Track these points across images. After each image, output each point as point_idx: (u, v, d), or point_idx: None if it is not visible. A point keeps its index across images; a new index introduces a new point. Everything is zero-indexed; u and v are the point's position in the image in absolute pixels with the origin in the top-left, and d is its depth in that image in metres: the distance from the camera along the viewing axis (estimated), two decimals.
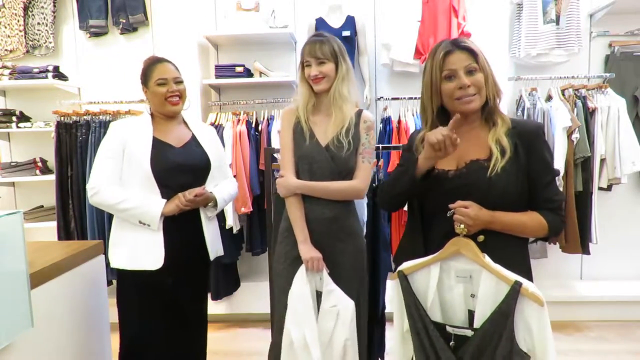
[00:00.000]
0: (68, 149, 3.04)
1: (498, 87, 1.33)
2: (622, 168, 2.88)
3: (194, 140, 1.87)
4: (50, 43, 3.37)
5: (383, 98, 3.20)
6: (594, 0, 3.13)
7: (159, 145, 1.77)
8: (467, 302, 1.22)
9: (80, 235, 3.06)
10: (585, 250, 2.94)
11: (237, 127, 3.02)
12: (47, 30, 3.36)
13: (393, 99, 3.16)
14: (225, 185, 1.95)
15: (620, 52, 3.14)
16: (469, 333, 1.17)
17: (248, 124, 3.06)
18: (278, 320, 1.76)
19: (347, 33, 3.06)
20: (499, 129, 1.29)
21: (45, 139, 3.28)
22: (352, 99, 1.73)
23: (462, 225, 1.21)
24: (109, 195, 1.71)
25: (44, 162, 3.35)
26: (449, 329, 1.20)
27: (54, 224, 3.11)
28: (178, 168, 1.77)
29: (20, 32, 3.34)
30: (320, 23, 3.12)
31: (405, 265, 1.30)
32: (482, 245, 1.23)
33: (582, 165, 2.89)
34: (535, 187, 1.27)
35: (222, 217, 2.99)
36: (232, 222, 2.98)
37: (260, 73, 3.20)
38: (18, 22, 3.33)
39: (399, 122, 3.04)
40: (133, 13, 3.27)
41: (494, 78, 1.32)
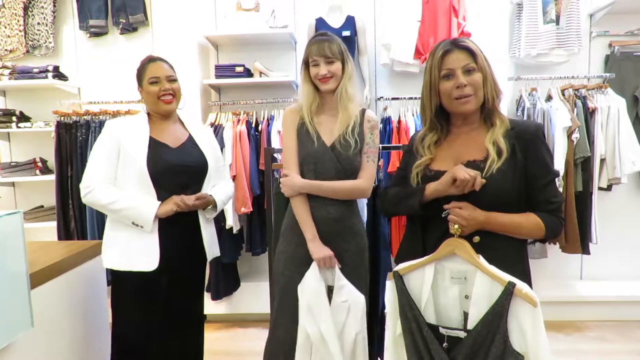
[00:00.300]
0: (68, 149, 3.04)
1: (497, 87, 1.32)
2: (622, 168, 2.88)
3: (191, 141, 1.85)
4: (50, 43, 3.37)
5: (383, 98, 3.20)
6: (594, 0, 3.13)
7: (156, 146, 1.74)
8: (462, 303, 1.22)
9: (80, 235, 3.07)
10: (585, 250, 2.94)
11: (237, 127, 3.02)
12: (47, 30, 3.36)
13: (393, 99, 3.16)
14: (223, 187, 1.94)
15: (620, 52, 3.14)
16: (462, 334, 1.17)
17: (248, 124, 3.06)
18: (276, 318, 1.75)
19: (347, 33, 3.06)
20: (497, 130, 1.29)
21: (45, 139, 3.28)
22: (356, 98, 1.74)
23: (456, 226, 1.21)
24: (103, 195, 1.68)
25: (44, 162, 3.35)
26: (442, 331, 1.20)
27: (54, 224, 3.11)
28: (174, 169, 1.75)
29: (20, 32, 3.34)
30: (320, 23, 3.12)
31: (401, 266, 1.30)
32: (477, 246, 1.22)
33: (582, 165, 2.90)
34: (533, 188, 1.26)
35: (222, 217, 2.98)
36: (232, 222, 2.98)
37: (260, 73, 3.20)
38: (18, 22, 3.33)
39: (399, 122, 3.04)
40: (133, 13, 3.27)
41: (494, 78, 1.31)
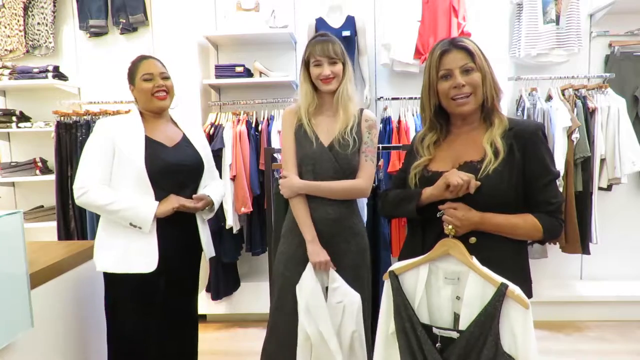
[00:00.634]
0: (68, 149, 3.04)
1: (497, 86, 1.31)
2: (622, 168, 2.88)
3: (185, 140, 1.83)
4: (50, 43, 3.37)
5: (383, 98, 3.20)
6: (594, 0, 3.13)
7: (152, 145, 1.71)
8: (453, 304, 1.22)
9: (80, 235, 3.07)
10: (585, 250, 2.94)
11: (237, 127, 3.02)
12: (47, 30, 3.35)
13: (393, 99, 3.16)
14: (216, 187, 1.92)
15: (620, 52, 3.14)
16: (455, 335, 1.17)
17: (248, 124, 3.06)
18: (275, 319, 1.75)
19: (347, 33, 3.06)
20: (495, 130, 1.28)
21: (45, 139, 3.28)
22: (355, 99, 1.74)
23: (450, 226, 1.22)
24: (99, 196, 1.63)
25: (44, 162, 3.35)
26: (436, 331, 1.20)
27: (54, 224, 3.11)
28: (173, 168, 1.73)
29: (20, 32, 3.34)
30: (320, 23, 3.12)
31: (397, 266, 1.30)
32: (474, 246, 1.22)
33: (582, 165, 2.90)
34: (532, 188, 1.25)
35: (222, 217, 2.99)
36: (232, 222, 2.98)
37: (260, 73, 3.20)
38: (18, 22, 3.33)
39: (399, 122, 3.04)
40: (133, 13, 3.27)
41: (493, 77, 1.30)
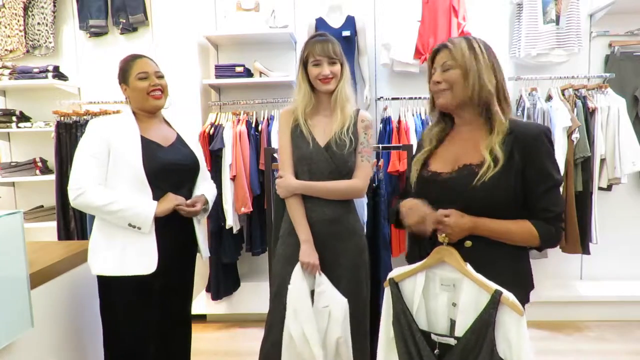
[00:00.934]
0: (68, 149, 3.04)
1: (484, 84, 1.25)
2: (622, 168, 2.88)
3: (180, 140, 1.82)
4: (50, 43, 3.37)
5: (383, 98, 3.20)
6: (594, 0, 3.13)
7: (149, 145, 1.69)
8: (449, 311, 1.22)
9: (80, 235, 3.07)
10: (585, 250, 2.94)
11: (237, 127, 3.02)
12: (47, 30, 3.35)
13: (393, 99, 3.16)
14: (208, 187, 1.92)
15: (620, 52, 3.14)
16: (452, 342, 1.17)
17: (248, 124, 3.06)
18: (271, 319, 1.75)
19: (347, 33, 3.06)
20: (495, 137, 1.24)
21: (45, 139, 3.28)
22: (352, 99, 1.75)
23: (443, 234, 1.20)
24: (96, 197, 1.59)
25: (44, 162, 3.35)
26: (434, 337, 1.20)
27: (54, 224, 3.11)
28: (170, 168, 1.72)
29: (20, 32, 3.34)
30: (320, 23, 3.12)
31: (396, 273, 1.31)
32: (469, 251, 1.21)
33: (582, 165, 2.89)
34: (531, 195, 1.22)
35: (222, 217, 2.99)
36: (232, 222, 2.98)
37: (260, 73, 3.20)
38: (18, 22, 3.33)
39: (399, 122, 3.04)
40: (133, 13, 3.27)
41: (480, 75, 1.25)
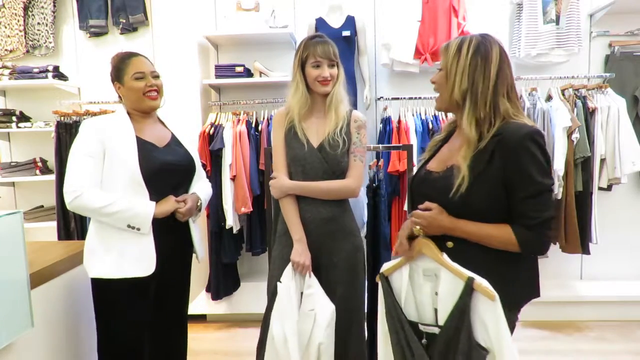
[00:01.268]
0: (68, 149, 2.99)
1: (454, 86, 1.23)
2: (622, 168, 2.88)
3: (175, 140, 1.80)
4: (50, 43, 3.37)
5: (383, 98, 3.20)
6: (594, 0, 3.14)
7: (145, 145, 1.66)
8: (433, 300, 1.26)
9: (80, 235, 3.07)
10: (585, 250, 2.94)
11: (237, 127, 3.02)
12: (47, 30, 3.35)
13: (393, 99, 3.16)
14: (203, 187, 1.89)
15: (620, 52, 3.14)
16: (437, 330, 1.21)
17: (248, 124, 3.07)
18: (267, 320, 1.75)
19: (347, 33, 3.06)
20: (465, 148, 1.22)
21: (45, 139, 3.28)
22: (346, 100, 1.76)
23: (417, 227, 1.24)
24: (94, 199, 1.55)
25: (44, 162, 3.35)
26: (421, 327, 1.24)
27: (54, 224, 3.11)
28: (167, 169, 1.69)
29: (20, 32, 3.34)
30: (320, 23, 3.12)
31: (385, 267, 1.34)
32: (450, 251, 1.23)
33: (582, 165, 2.89)
34: (512, 200, 1.19)
35: (222, 217, 2.99)
36: (232, 222, 2.98)
37: (260, 73, 3.20)
38: (18, 22, 3.33)
39: (399, 122, 3.04)
40: (133, 13, 3.27)
41: (455, 77, 1.23)
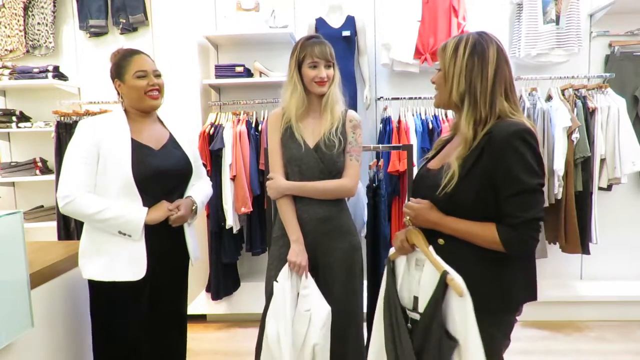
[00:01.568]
0: None
1: (452, 88, 1.24)
2: (622, 168, 2.88)
3: (172, 141, 1.75)
4: (50, 43, 3.37)
5: (383, 98, 3.20)
6: (594, 0, 3.14)
7: (139, 149, 1.62)
8: (416, 288, 1.32)
9: (80, 235, 3.06)
10: (585, 250, 2.94)
11: (237, 127, 3.02)
12: (47, 30, 3.35)
13: (393, 99, 3.16)
14: (202, 187, 1.86)
15: (620, 52, 3.14)
16: (418, 317, 1.28)
17: (248, 124, 3.07)
18: (264, 319, 1.75)
19: (347, 33, 3.06)
20: (461, 147, 1.23)
21: (45, 139, 3.28)
22: (341, 101, 1.76)
23: (407, 217, 1.33)
24: (86, 205, 1.54)
25: (44, 162, 3.35)
26: (408, 312, 1.32)
27: (54, 224, 3.11)
28: (161, 174, 1.65)
29: (20, 32, 3.34)
30: (320, 23, 3.12)
31: (392, 251, 1.43)
32: (441, 248, 1.27)
33: (582, 165, 2.89)
34: (498, 198, 1.19)
35: (222, 217, 2.99)
36: (232, 222, 2.98)
37: (260, 73, 3.20)
38: (18, 22, 3.33)
39: (399, 122, 3.04)
40: (133, 13, 3.27)
41: (453, 79, 1.24)
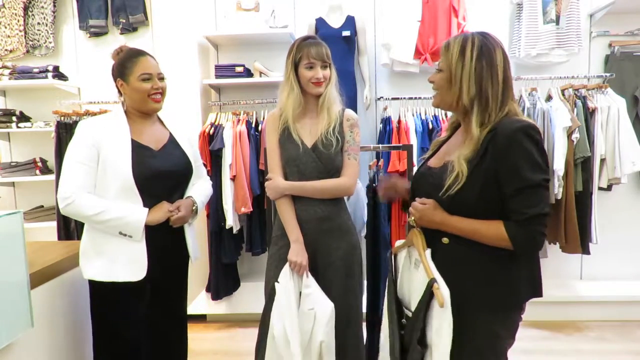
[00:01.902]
0: None
1: (462, 92, 1.22)
2: (622, 168, 2.88)
3: (172, 142, 1.75)
4: (50, 43, 3.37)
5: (383, 98, 3.20)
6: (594, 0, 3.14)
7: (139, 150, 1.62)
8: (411, 286, 1.34)
9: (80, 235, 3.05)
10: (585, 250, 2.94)
11: (237, 127, 3.02)
12: (47, 30, 3.35)
13: (393, 99, 3.16)
14: (202, 187, 1.85)
15: (620, 52, 3.14)
16: (410, 314, 1.30)
17: (248, 124, 3.06)
18: (265, 320, 1.75)
19: (347, 33, 3.06)
20: (464, 148, 1.22)
21: (45, 139, 3.28)
22: (338, 100, 1.76)
23: (412, 217, 1.33)
24: (87, 206, 1.54)
25: (44, 162, 3.35)
26: (404, 308, 1.35)
27: (54, 224, 3.12)
28: (161, 175, 1.65)
29: (20, 32, 3.34)
30: (320, 23, 3.12)
31: (396, 245, 1.46)
32: (446, 247, 1.26)
33: (582, 165, 2.89)
34: (503, 195, 1.18)
35: (222, 217, 2.99)
36: (232, 222, 2.98)
37: (260, 73, 3.20)
38: (18, 22, 3.33)
39: (399, 122, 3.04)
40: (133, 13, 3.27)
41: (462, 82, 1.22)
